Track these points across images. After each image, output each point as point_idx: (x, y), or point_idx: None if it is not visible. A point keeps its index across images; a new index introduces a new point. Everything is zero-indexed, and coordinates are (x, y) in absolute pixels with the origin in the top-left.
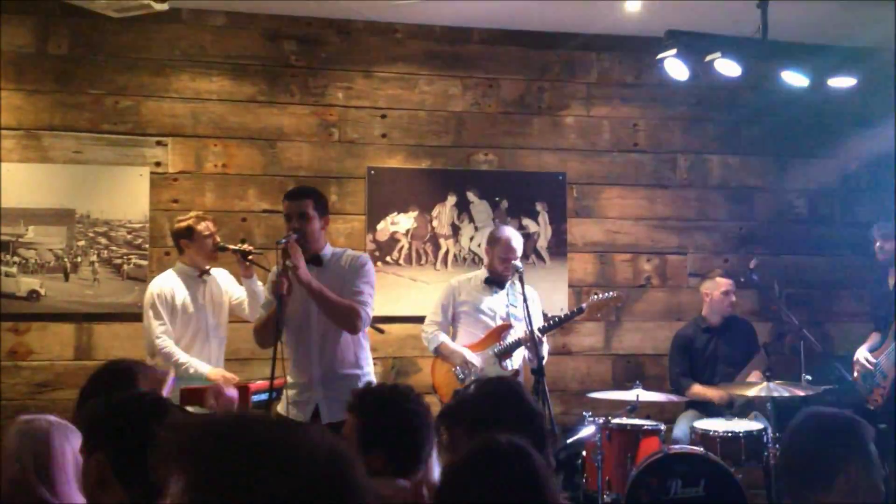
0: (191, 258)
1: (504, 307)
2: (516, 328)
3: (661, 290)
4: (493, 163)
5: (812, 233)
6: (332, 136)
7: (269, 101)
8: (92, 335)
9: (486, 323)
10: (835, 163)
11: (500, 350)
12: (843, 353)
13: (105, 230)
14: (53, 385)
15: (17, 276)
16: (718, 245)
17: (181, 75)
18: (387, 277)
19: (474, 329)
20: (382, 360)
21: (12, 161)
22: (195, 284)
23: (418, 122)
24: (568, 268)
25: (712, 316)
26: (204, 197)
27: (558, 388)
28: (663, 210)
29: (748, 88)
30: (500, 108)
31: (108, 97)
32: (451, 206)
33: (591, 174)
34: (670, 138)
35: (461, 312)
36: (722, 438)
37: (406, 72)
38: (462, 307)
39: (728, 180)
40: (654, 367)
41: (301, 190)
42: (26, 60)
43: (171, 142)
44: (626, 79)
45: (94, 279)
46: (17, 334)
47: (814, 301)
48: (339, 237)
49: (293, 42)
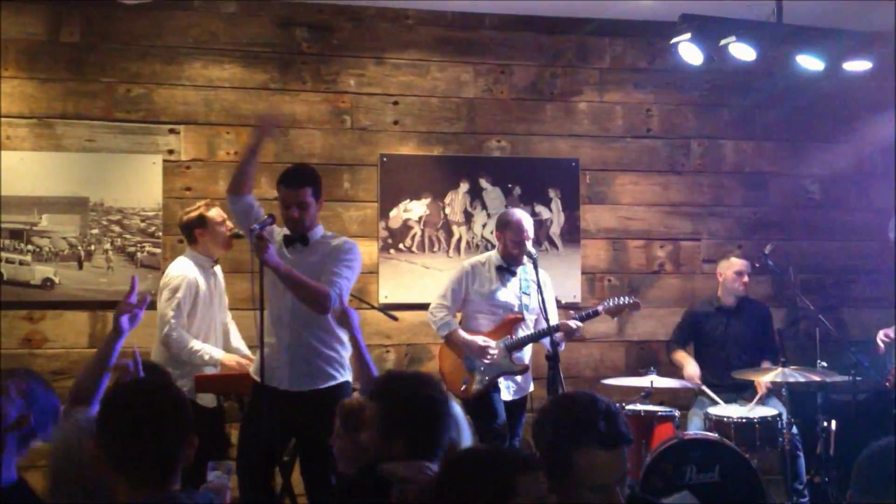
0: (204, 247)
1: (516, 297)
2: (527, 321)
3: (674, 276)
4: (505, 149)
5: (827, 218)
6: (345, 124)
7: (281, 88)
8: (106, 323)
9: (497, 313)
10: (850, 148)
11: (510, 343)
12: (859, 339)
13: (118, 218)
14: (68, 373)
15: (31, 264)
16: (732, 231)
17: (193, 63)
18: (399, 265)
19: (483, 317)
20: (395, 347)
21: (25, 149)
22: (208, 274)
23: (430, 108)
24: (581, 254)
25: (726, 297)
26: (217, 185)
27: (572, 374)
28: (677, 196)
29: (762, 73)
30: (513, 94)
31: (121, 85)
32: (464, 192)
33: (605, 160)
34: (684, 124)
35: (472, 300)
36: (736, 424)
37: (418, 58)
38: (474, 294)
39: (742, 166)
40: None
41: (299, 177)
42: (39, 48)
43: (183, 129)
44: (639, 64)
45: (107, 267)
46: (31, 322)
47: (828, 286)
48: (352, 224)
49: (305, 29)
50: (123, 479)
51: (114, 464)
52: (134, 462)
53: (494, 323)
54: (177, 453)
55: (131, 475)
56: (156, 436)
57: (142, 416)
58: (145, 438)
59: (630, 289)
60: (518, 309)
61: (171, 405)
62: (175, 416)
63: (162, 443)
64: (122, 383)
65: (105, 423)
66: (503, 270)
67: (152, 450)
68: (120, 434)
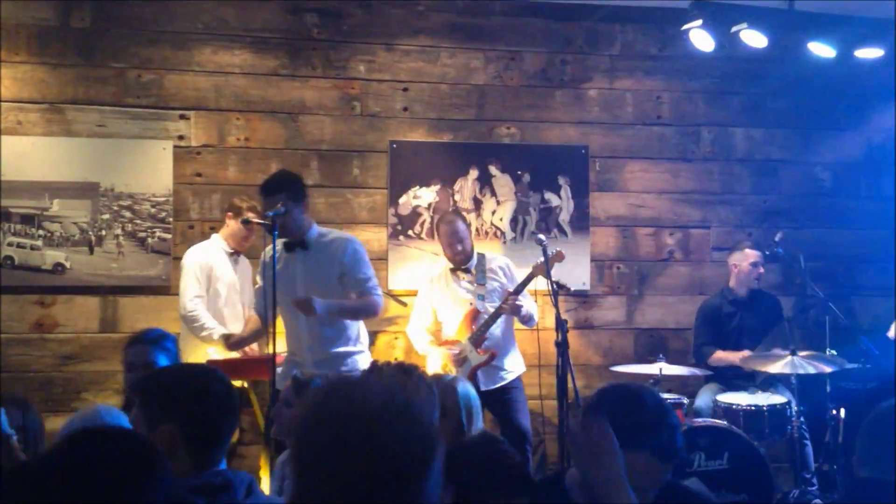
0: (226, 234)
1: (469, 293)
2: (489, 309)
3: (683, 264)
4: (515, 136)
5: (837, 206)
6: (354, 110)
7: (291, 74)
8: (117, 308)
9: (457, 313)
10: (860, 135)
11: (472, 337)
12: (868, 327)
13: (129, 203)
14: (79, 357)
15: (42, 249)
16: (742, 219)
17: (203, 49)
18: (409, 251)
19: (449, 320)
20: (405, 333)
21: (36, 135)
22: (229, 260)
23: (440, 95)
24: (590, 241)
25: (739, 288)
26: (227, 171)
27: (580, 361)
28: (686, 183)
29: (773, 60)
30: (523, 80)
31: (131, 70)
32: (473, 179)
33: (614, 147)
34: (694, 111)
35: (438, 309)
36: (745, 412)
37: (428, 45)
38: (437, 304)
39: (752, 153)
40: (676, 341)
41: (269, 186)
42: (50, 34)
43: (193, 115)
44: (649, 51)
45: (118, 252)
46: (42, 307)
47: (838, 274)
48: (362, 210)
49: (315, 15)
50: (190, 460)
51: (190, 443)
52: (211, 442)
53: (457, 322)
54: (231, 436)
55: (202, 455)
56: (232, 419)
57: (228, 401)
58: (228, 421)
59: (639, 276)
60: (473, 303)
61: (234, 392)
62: (236, 399)
63: (232, 425)
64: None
65: (188, 404)
66: (455, 272)
67: (226, 432)
68: (205, 416)
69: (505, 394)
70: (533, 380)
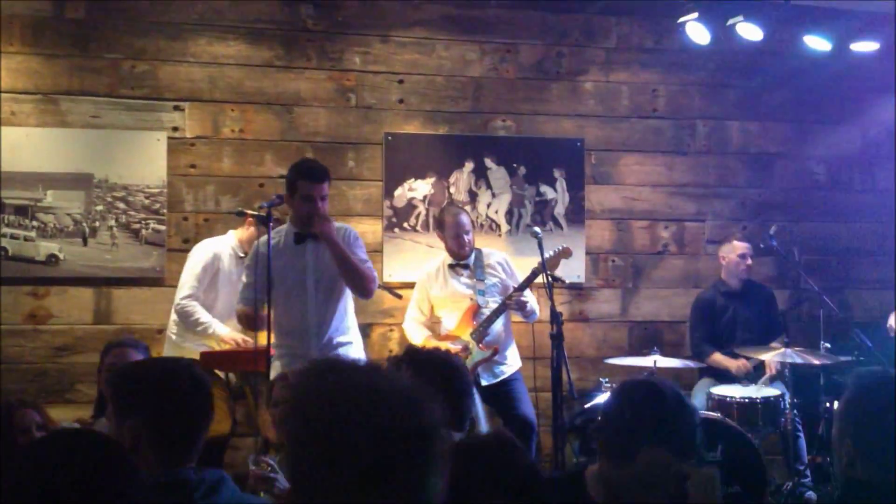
0: (241, 236)
1: (469, 288)
2: (490, 305)
3: (678, 257)
4: (510, 129)
5: (831, 199)
6: (350, 102)
7: (286, 65)
8: (111, 300)
9: (457, 308)
10: (855, 129)
11: (473, 333)
12: (862, 321)
13: (123, 195)
14: (73, 349)
15: (35, 240)
16: (737, 212)
17: (198, 39)
18: (404, 243)
19: (448, 315)
20: (399, 325)
21: (30, 125)
22: (238, 261)
23: (436, 87)
24: (585, 234)
25: (731, 280)
26: (221, 162)
27: (575, 354)
28: (682, 177)
29: (769, 53)
30: (519, 73)
31: (126, 61)
32: (469, 172)
33: (610, 140)
34: (690, 104)
35: (436, 304)
36: (739, 404)
37: (423, 36)
38: (435, 299)
39: (748, 147)
40: (670, 334)
41: (321, 172)
42: (44, 24)
43: (188, 107)
44: (645, 44)
45: (112, 244)
46: (36, 298)
47: (832, 268)
48: (357, 203)
49: (310, 6)
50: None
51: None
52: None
53: (457, 318)
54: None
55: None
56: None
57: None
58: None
59: (634, 269)
60: (474, 299)
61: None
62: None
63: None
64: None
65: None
66: (454, 267)
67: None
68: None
69: (506, 386)
70: (527, 372)
